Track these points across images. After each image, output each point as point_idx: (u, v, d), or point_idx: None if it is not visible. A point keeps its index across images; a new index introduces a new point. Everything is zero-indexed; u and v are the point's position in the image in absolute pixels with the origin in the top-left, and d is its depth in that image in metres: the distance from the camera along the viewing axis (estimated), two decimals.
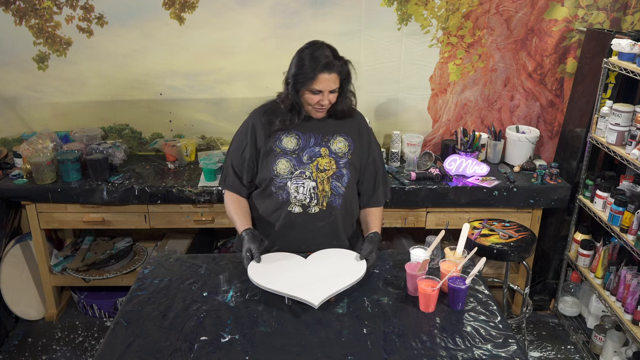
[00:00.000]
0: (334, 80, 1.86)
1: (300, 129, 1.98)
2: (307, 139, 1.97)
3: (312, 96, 1.88)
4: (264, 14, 3.00)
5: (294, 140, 1.97)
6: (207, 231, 3.49)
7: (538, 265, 3.23)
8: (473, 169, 2.96)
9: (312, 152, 1.97)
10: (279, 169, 1.95)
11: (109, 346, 1.55)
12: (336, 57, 1.88)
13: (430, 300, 1.68)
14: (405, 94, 3.20)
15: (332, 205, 1.99)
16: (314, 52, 1.86)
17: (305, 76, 1.85)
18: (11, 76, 3.08)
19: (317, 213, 1.98)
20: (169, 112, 3.24)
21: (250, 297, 1.76)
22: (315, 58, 1.84)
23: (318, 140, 1.98)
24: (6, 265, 2.98)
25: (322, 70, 1.83)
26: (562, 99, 3.17)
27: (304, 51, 1.89)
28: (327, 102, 1.89)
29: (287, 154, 1.96)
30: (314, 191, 1.96)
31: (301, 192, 1.95)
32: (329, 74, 1.84)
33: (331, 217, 2.00)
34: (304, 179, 1.95)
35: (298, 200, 1.96)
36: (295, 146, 1.97)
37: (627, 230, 2.47)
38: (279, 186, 1.96)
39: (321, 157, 1.97)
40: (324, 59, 1.84)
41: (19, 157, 2.93)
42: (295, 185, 1.95)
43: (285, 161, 1.95)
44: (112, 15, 2.98)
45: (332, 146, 1.99)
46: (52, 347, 2.93)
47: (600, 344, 2.83)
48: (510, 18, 3.02)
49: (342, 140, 2.00)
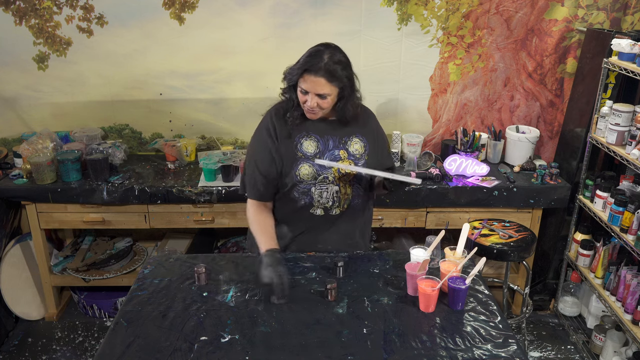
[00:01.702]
0: (322, 84, 1.79)
1: (318, 132, 1.95)
2: (325, 142, 1.95)
3: (300, 95, 1.85)
4: (264, 14, 3.00)
5: (314, 143, 1.94)
6: (207, 231, 3.48)
7: (538, 265, 3.23)
8: (473, 169, 2.96)
9: (332, 155, 1.94)
10: (302, 174, 1.92)
11: (109, 346, 1.55)
12: (335, 63, 1.79)
13: (430, 300, 1.68)
14: (405, 94, 3.20)
15: (352, 205, 2.00)
16: (310, 52, 1.83)
17: (294, 71, 1.82)
18: (11, 76, 3.09)
19: (338, 214, 1.99)
20: (169, 112, 3.24)
21: (250, 297, 1.76)
22: (307, 57, 1.81)
23: (336, 143, 1.96)
24: (6, 265, 2.98)
25: (306, 70, 1.78)
26: (562, 99, 3.17)
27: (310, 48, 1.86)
28: (313, 104, 1.83)
29: (308, 158, 1.93)
30: (337, 195, 1.96)
31: (324, 196, 1.95)
32: (314, 76, 1.78)
33: (348, 217, 2.02)
34: (327, 183, 1.94)
35: (321, 204, 1.96)
36: (315, 150, 1.94)
37: (627, 230, 2.47)
38: (303, 191, 1.94)
39: (341, 161, 1.95)
40: (314, 60, 1.79)
41: (19, 157, 2.93)
42: (319, 190, 1.94)
43: (308, 166, 1.92)
44: (112, 15, 2.98)
45: (349, 148, 1.97)
46: (52, 347, 2.93)
47: (600, 344, 2.83)
48: (510, 18, 3.02)
49: (358, 141, 1.99)
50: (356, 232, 2.07)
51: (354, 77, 1.87)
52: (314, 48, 1.84)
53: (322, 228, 2.00)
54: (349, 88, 1.85)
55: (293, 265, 1.93)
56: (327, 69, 1.78)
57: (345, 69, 1.82)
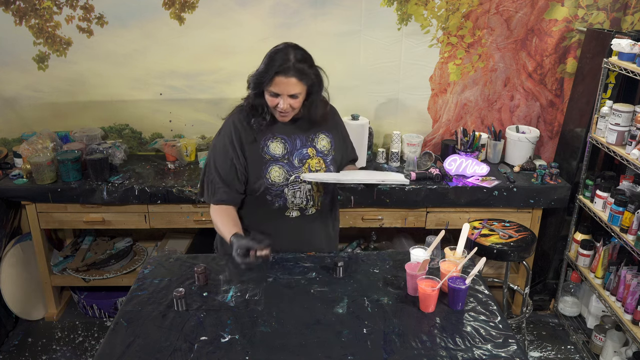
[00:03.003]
0: (293, 84, 1.77)
1: (284, 132, 1.93)
2: (293, 142, 1.94)
3: (271, 98, 1.81)
4: (264, 14, 3.00)
5: (281, 145, 1.92)
6: (207, 231, 3.46)
7: (538, 265, 3.23)
8: (473, 169, 2.96)
9: (301, 154, 1.94)
10: (273, 177, 1.90)
11: (109, 346, 1.55)
12: (300, 61, 1.77)
13: (430, 300, 1.68)
14: (405, 94, 3.20)
15: (325, 202, 2.02)
16: (273, 54, 1.79)
17: (263, 77, 1.78)
18: (11, 76, 3.08)
19: (313, 214, 1.99)
20: (169, 112, 3.24)
21: (250, 297, 1.76)
22: (272, 60, 1.77)
23: (303, 141, 1.95)
24: (6, 265, 2.98)
25: (277, 73, 1.75)
26: (562, 99, 3.17)
27: (272, 50, 1.82)
28: (286, 106, 1.81)
29: (277, 160, 1.91)
30: (310, 193, 1.95)
31: (298, 196, 1.94)
32: (285, 77, 1.75)
33: (322, 215, 2.02)
34: (299, 183, 1.93)
35: (295, 205, 1.95)
36: (283, 151, 1.92)
37: (627, 230, 2.47)
38: (276, 194, 1.93)
39: (310, 159, 1.94)
40: (282, 62, 1.75)
41: (19, 157, 2.93)
42: (292, 190, 1.93)
43: (278, 168, 1.91)
44: (112, 15, 2.98)
45: (317, 145, 1.96)
46: (52, 347, 2.93)
47: (600, 344, 2.83)
48: (510, 18, 3.02)
49: (324, 137, 1.98)
50: (329, 228, 2.08)
51: (320, 74, 1.85)
52: (275, 49, 1.80)
53: (299, 230, 1.98)
54: (317, 85, 1.84)
55: (293, 265, 1.93)
56: (296, 68, 1.76)
57: (312, 67, 1.81)
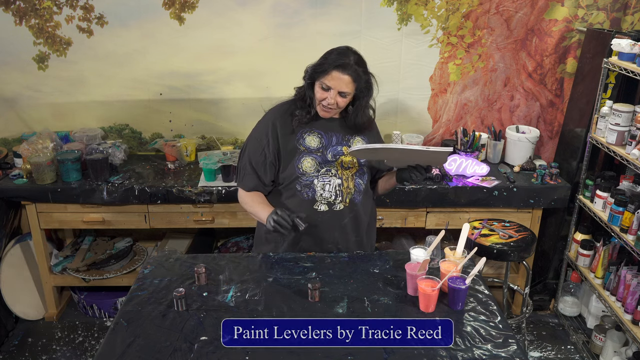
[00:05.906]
0: (347, 82, 1.86)
1: (322, 128, 1.99)
2: (329, 138, 1.99)
3: (321, 91, 1.89)
4: (264, 14, 3.00)
5: (317, 139, 1.98)
6: (207, 231, 3.49)
7: (538, 265, 3.23)
8: (473, 169, 2.96)
9: (335, 150, 1.99)
10: (304, 167, 1.96)
11: (109, 346, 1.55)
12: (358, 64, 1.88)
13: (430, 300, 1.68)
14: (405, 94, 3.20)
15: (355, 201, 2.02)
16: (334, 50, 1.90)
17: (321, 68, 1.87)
18: (11, 76, 3.09)
19: (341, 210, 2.00)
20: (169, 112, 3.24)
21: (250, 297, 1.76)
22: (335, 56, 1.87)
23: (339, 140, 2.00)
24: (6, 265, 2.98)
25: (337, 67, 1.85)
26: (562, 99, 3.17)
27: (332, 49, 1.92)
28: (333, 102, 1.89)
29: (311, 152, 1.97)
30: (339, 188, 1.98)
31: (327, 189, 1.97)
32: (342, 73, 1.85)
33: (352, 214, 2.03)
34: (330, 176, 1.97)
35: (324, 198, 1.98)
36: (318, 144, 1.98)
37: (627, 230, 2.47)
38: (305, 184, 1.97)
39: (344, 156, 1.99)
40: (343, 59, 1.86)
41: (19, 157, 2.93)
42: (322, 182, 1.97)
43: (311, 159, 1.96)
44: (112, 15, 2.98)
45: (352, 145, 2.01)
46: (52, 347, 2.93)
47: (600, 344, 2.83)
48: (510, 18, 3.02)
49: (360, 140, 2.03)
50: (361, 228, 2.08)
51: (372, 81, 1.94)
52: (336, 48, 1.91)
53: (327, 225, 2.01)
54: (365, 91, 1.93)
55: (293, 265, 1.93)
56: (354, 69, 1.86)
57: (366, 73, 1.92)
